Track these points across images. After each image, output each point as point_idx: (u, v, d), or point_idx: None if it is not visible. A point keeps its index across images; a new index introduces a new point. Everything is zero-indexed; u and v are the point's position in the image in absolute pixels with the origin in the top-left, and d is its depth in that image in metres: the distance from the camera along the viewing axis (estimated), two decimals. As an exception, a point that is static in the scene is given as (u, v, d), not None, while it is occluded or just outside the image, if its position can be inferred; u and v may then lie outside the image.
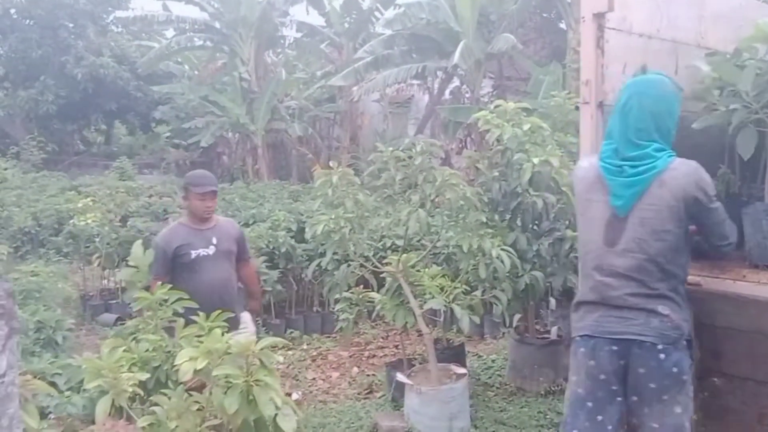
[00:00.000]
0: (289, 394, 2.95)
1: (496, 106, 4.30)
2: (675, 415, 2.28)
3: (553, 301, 5.13)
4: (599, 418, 2.35)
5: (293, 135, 16.62)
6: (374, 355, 6.13)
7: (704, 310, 2.53)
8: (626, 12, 2.93)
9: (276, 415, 2.50)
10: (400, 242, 4.19)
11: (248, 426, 2.52)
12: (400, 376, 4.24)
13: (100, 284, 7.93)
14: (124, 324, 5.69)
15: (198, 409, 2.52)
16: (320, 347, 6.31)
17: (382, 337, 6.59)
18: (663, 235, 2.31)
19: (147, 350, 2.86)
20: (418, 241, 4.82)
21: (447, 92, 13.28)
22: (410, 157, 3.99)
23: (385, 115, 16.60)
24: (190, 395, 2.57)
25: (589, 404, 2.37)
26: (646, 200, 2.32)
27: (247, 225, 7.76)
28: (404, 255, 4.25)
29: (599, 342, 2.35)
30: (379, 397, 4.90)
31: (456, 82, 12.45)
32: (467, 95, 12.08)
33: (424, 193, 3.90)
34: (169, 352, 2.88)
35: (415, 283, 4.31)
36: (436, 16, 10.12)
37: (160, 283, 3.36)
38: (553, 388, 4.55)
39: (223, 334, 2.60)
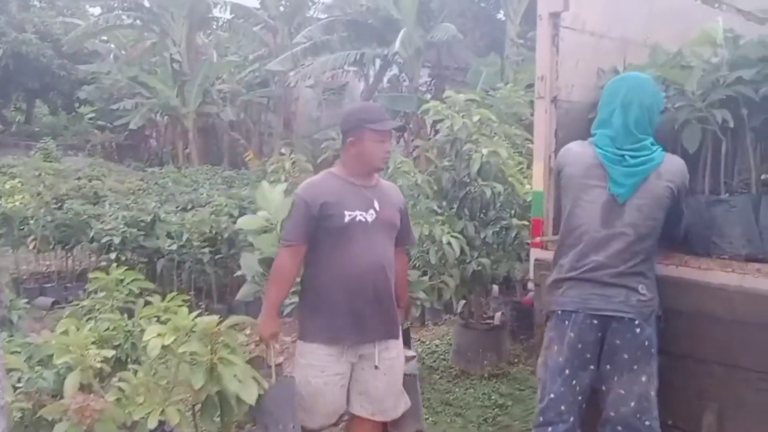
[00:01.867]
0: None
1: (446, 97, 4.40)
2: (641, 383, 2.52)
3: (495, 288, 5.30)
4: (573, 382, 2.58)
5: (225, 119, 16.34)
6: (317, 340, 6.16)
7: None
8: (580, 11, 3.07)
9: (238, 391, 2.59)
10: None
11: (212, 401, 2.61)
12: (351, 360, 4.31)
13: (34, 267, 7.66)
14: (62, 308, 5.54)
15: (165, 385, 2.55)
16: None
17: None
18: (653, 222, 2.57)
19: (107, 329, 2.85)
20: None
21: (385, 80, 13.34)
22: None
23: (320, 102, 16.53)
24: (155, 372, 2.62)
25: (567, 371, 2.59)
26: (643, 189, 2.54)
27: (185, 210, 7.64)
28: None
29: (581, 316, 2.57)
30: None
31: (394, 70, 12.52)
32: (405, 84, 12.19)
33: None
34: (129, 331, 2.89)
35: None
36: (376, 3, 10.15)
37: (296, 250, 2.73)
38: (496, 372, 4.72)
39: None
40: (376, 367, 2.84)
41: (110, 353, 2.69)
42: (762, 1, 3.08)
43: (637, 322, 2.53)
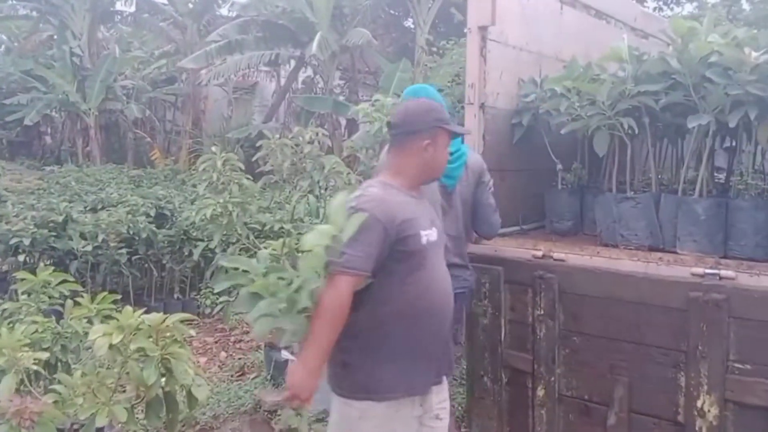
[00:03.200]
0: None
1: (375, 100, 4.62)
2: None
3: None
4: None
5: (129, 117, 15.82)
6: (241, 340, 6.22)
7: (567, 280, 3.03)
8: (504, 26, 3.37)
9: (190, 386, 2.68)
10: (285, 226, 4.36)
11: (158, 398, 2.63)
12: (285, 353, 4.43)
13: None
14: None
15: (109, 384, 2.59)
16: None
17: (247, 323, 6.69)
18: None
19: (35, 332, 2.85)
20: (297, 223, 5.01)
21: (300, 81, 13.42)
22: (298, 145, 4.19)
23: (230, 101, 16.34)
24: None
25: None
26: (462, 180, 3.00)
27: (95, 210, 7.45)
28: (288, 238, 4.43)
29: None
30: (253, 378, 5.04)
31: (308, 71, 12.63)
32: (320, 86, 12.33)
33: (313, 180, 4.12)
34: (58, 333, 2.90)
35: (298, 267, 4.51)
36: (291, 5, 10.23)
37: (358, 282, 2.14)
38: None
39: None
40: (437, 417, 2.40)
41: (44, 355, 2.69)
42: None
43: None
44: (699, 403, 2.72)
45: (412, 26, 12.28)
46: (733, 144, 3.35)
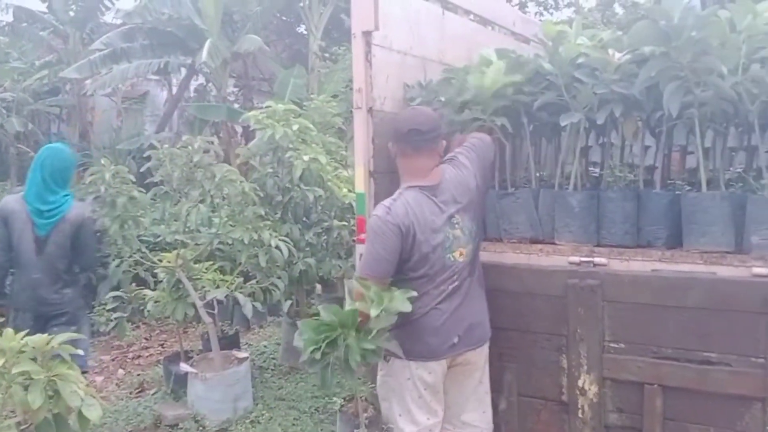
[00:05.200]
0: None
1: (267, 107, 4.62)
2: None
3: (318, 286, 5.60)
4: None
5: (10, 131, 14.88)
6: (139, 356, 6.05)
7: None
8: (387, 31, 3.44)
9: (81, 406, 2.59)
10: (179, 238, 4.28)
11: (48, 422, 2.54)
12: (184, 366, 4.36)
13: None
14: None
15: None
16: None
17: (145, 338, 6.51)
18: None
19: None
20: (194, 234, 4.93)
21: (192, 90, 13.09)
22: (187, 155, 4.13)
23: (119, 111, 15.69)
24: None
25: None
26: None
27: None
28: (183, 250, 4.36)
29: None
30: (153, 394, 4.92)
31: (201, 79, 12.34)
32: (213, 93, 12.07)
33: (204, 189, 4.07)
34: None
35: (194, 277, 4.45)
36: (179, 12, 9.96)
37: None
38: (324, 364, 5.01)
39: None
40: None
41: None
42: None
43: None
44: (580, 383, 2.91)
45: (305, 32, 12.26)
46: (604, 140, 3.58)
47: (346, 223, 4.87)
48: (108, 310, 4.58)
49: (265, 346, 5.74)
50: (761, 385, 2.56)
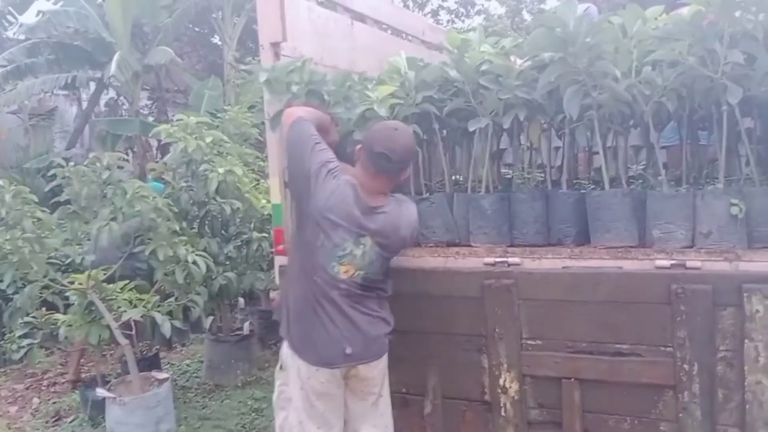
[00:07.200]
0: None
1: (178, 120, 4.51)
2: None
3: (241, 300, 5.51)
4: None
5: None
6: (55, 383, 5.78)
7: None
8: (296, 43, 3.44)
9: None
10: (89, 258, 4.11)
11: None
12: (101, 391, 4.19)
13: None
14: None
15: None
16: None
17: (61, 364, 6.22)
18: None
19: None
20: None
21: (102, 104, 12.63)
22: (95, 172, 3.98)
23: (27, 129, 14.98)
24: None
25: None
26: None
27: None
28: (94, 270, 4.20)
29: None
30: (71, 422, 4.72)
31: (112, 93, 11.94)
32: (125, 107, 11.70)
33: (115, 207, 3.93)
34: None
35: (107, 298, 4.29)
36: (85, 26, 9.60)
37: None
38: (249, 379, 4.94)
39: None
40: None
41: None
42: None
43: None
44: (501, 381, 2.97)
45: (220, 43, 12.06)
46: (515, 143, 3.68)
47: (266, 235, 4.81)
48: (18, 337, 4.35)
49: (187, 365, 5.59)
50: (671, 373, 2.68)
